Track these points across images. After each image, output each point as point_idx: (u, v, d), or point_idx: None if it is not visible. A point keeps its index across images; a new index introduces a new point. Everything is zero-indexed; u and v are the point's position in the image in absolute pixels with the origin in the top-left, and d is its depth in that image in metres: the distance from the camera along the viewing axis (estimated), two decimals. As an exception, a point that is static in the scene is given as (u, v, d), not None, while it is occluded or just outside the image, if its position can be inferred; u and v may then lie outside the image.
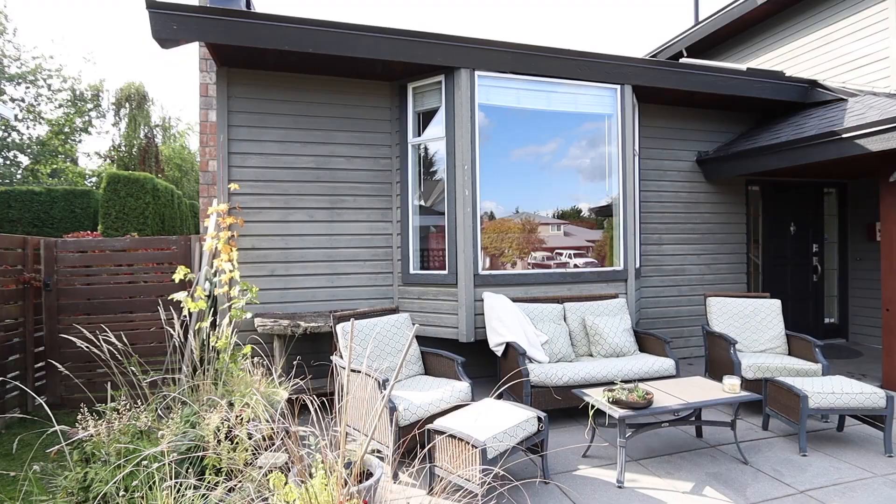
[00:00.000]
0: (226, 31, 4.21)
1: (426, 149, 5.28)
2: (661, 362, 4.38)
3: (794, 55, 7.61)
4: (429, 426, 3.08)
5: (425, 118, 5.30)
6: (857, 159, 5.22)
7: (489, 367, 5.36)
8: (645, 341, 4.81)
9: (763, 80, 6.24)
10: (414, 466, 3.26)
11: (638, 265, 5.86)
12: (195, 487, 2.07)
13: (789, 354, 4.79)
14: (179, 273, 4.05)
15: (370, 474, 2.57)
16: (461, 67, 4.84)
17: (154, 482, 2.05)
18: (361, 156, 5.25)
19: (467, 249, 4.83)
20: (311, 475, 2.12)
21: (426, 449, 3.08)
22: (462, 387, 3.70)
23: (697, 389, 3.59)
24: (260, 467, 2.44)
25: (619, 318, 4.82)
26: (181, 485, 2.02)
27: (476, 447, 2.76)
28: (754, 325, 4.95)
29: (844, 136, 5.03)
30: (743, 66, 6.74)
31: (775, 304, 5.02)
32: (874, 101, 5.43)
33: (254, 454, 2.70)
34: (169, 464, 2.04)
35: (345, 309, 4.66)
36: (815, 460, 3.55)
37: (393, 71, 5.05)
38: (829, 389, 3.68)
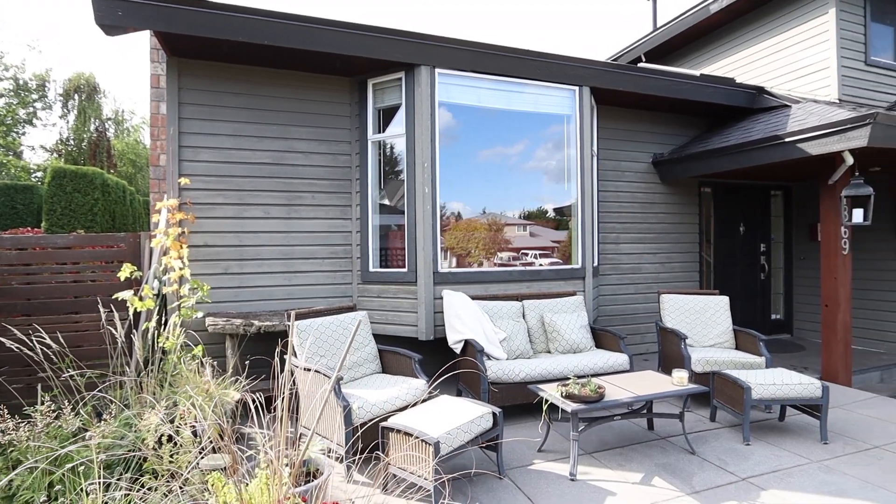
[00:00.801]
0: (174, 19, 4.05)
1: (390, 147, 5.23)
2: (615, 357, 4.48)
3: (745, 62, 7.94)
4: (382, 424, 3.05)
5: (387, 115, 5.26)
6: (799, 162, 5.49)
7: (445, 364, 5.36)
8: (601, 338, 4.91)
9: (715, 86, 6.49)
10: (371, 465, 3.22)
11: (596, 263, 5.99)
12: (128, 491, 1.97)
13: (736, 349, 4.98)
14: (125, 271, 3.88)
15: (321, 474, 2.51)
16: (421, 64, 4.83)
17: (81, 488, 1.94)
18: (320, 152, 5.15)
19: (427, 247, 4.82)
20: (252, 476, 2.05)
21: (380, 447, 3.05)
22: (419, 384, 3.68)
23: (648, 383, 3.69)
24: (202, 469, 2.35)
25: (576, 315, 4.91)
26: (111, 489, 1.91)
27: (429, 443, 2.75)
28: (704, 320, 5.13)
29: (787, 140, 5.28)
30: (697, 72, 6.99)
31: (724, 301, 5.21)
32: (815, 107, 5.72)
33: (197, 456, 2.60)
34: (99, 468, 1.93)
35: (302, 308, 4.56)
36: (757, 449, 3.70)
37: (353, 66, 4.99)
38: (771, 381, 3.85)
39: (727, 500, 2.97)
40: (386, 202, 5.31)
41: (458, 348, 4.46)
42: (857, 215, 5.10)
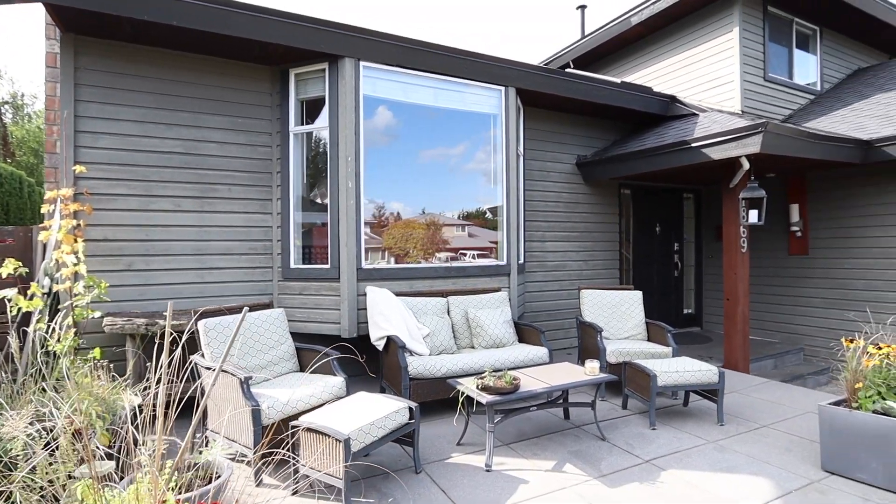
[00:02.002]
0: (65, -10, 3.71)
1: (316, 140, 5.08)
2: (536, 351, 4.60)
3: (663, 73, 8.46)
4: (293, 423, 2.93)
5: (312, 107, 5.11)
6: (705, 166, 5.90)
7: (374, 363, 5.28)
8: (524, 332, 5.03)
9: (632, 93, 6.85)
10: (284, 467, 3.09)
11: (522, 261, 6.13)
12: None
13: (648, 340, 5.28)
14: (7, 267, 3.50)
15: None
16: (346, 56, 4.73)
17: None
18: (238, 142, 4.91)
19: (350, 243, 4.72)
20: (134, 482, 1.90)
21: (292, 447, 2.93)
22: (336, 382, 3.59)
23: (562, 374, 3.81)
24: (79, 478, 2.14)
25: (500, 311, 4.99)
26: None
27: (339, 440, 2.67)
28: (620, 314, 5.39)
29: (693, 145, 5.67)
30: (618, 80, 7.36)
31: (637, 296, 5.51)
32: (719, 117, 6.19)
33: (79, 465, 2.37)
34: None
35: (213, 306, 4.32)
36: (662, 433, 3.93)
37: (274, 55, 4.79)
38: (674, 369, 4.10)
39: (630, 481, 3.12)
40: (314, 198, 5.16)
41: (380, 345, 4.40)
42: (753, 216, 5.56)
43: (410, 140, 5.38)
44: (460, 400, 3.42)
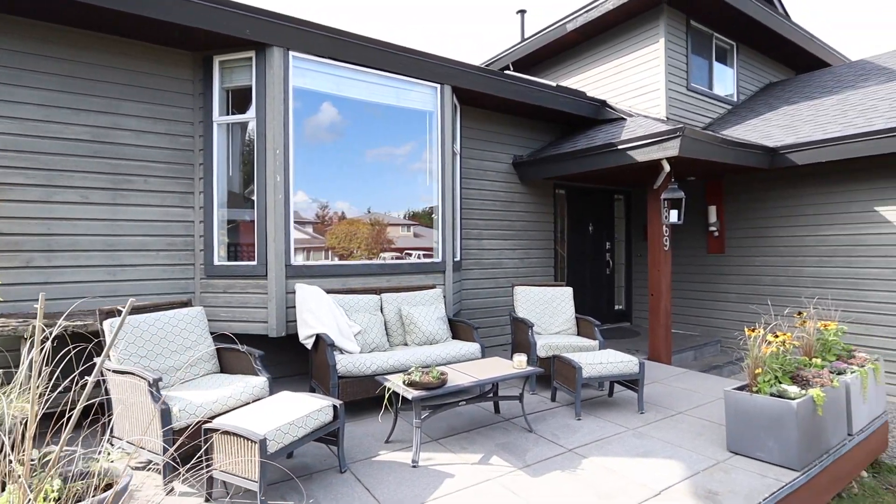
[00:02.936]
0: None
1: (243, 131, 4.86)
2: (468, 347, 4.63)
3: (597, 79, 8.80)
4: (206, 425, 2.78)
5: (240, 97, 4.88)
6: (631, 168, 6.19)
7: (304, 363, 5.14)
8: (458, 329, 5.06)
9: (565, 96, 7.08)
10: (203, 472, 2.91)
11: (458, 258, 6.17)
12: None
13: (578, 335, 5.46)
14: None
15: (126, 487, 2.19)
16: (274, 45, 4.56)
17: None
18: (156, 131, 4.61)
19: (279, 238, 4.55)
20: None
21: (208, 451, 2.77)
22: (258, 382, 3.44)
23: (491, 368, 3.85)
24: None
25: (433, 308, 4.99)
26: None
27: (254, 441, 2.56)
28: (552, 310, 5.54)
29: (619, 147, 5.93)
30: (554, 83, 7.58)
31: (568, 292, 5.68)
32: (644, 121, 6.51)
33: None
34: None
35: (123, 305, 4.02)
36: (587, 423, 4.06)
37: (195, 40, 4.54)
38: (599, 360, 4.26)
39: (553, 470, 3.20)
40: (245, 193, 4.93)
41: (309, 343, 4.27)
42: (674, 215, 5.89)
43: (356, 138, 5.29)
44: (386, 396, 3.38)
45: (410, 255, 5.69)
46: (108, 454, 2.37)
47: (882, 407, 4.27)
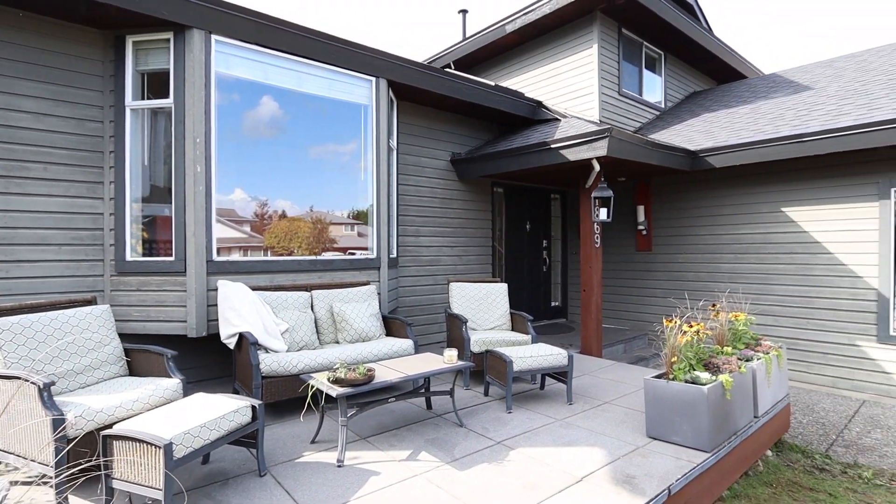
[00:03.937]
0: None
1: (170, 121, 4.54)
2: (401, 343, 4.57)
3: (536, 80, 8.99)
4: (105, 432, 2.55)
5: (158, 82, 4.55)
6: (564, 167, 6.36)
7: (229, 364, 4.88)
8: (392, 326, 4.98)
9: (504, 96, 7.17)
10: (100, 485, 2.67)
11: (395, 255, 6.09)
12: None
13: (512, 330, 5.53)
14: None
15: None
16: (194, 27, 4.29)
17: None
18: (59, 115, 4.21)
19: (199, 232, 4.29)
20: None
21: (107, 460, 2.54)
22: (170, 384, 3.21)
23: (422, 363, 3.82)
24: None
25: (367, 305, 4.89)
26: None
27: (158, 446, 2.37)
28: (487, 306, 5.58)
29: (552, 146, 6.08)
30: (493, 83, 7.66)
31: (503, 288, 5.75)
32: (577, 122, 6.71)
33: None
34: None
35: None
36: (517, 416, 4.11)
37: (106, 17, 4.19)
38: (529, 354, 4.33)
39: (481, 462, 3.20)
40: (160, 184, 4.60)
41: (231, 343, 4.05)
42: (603, 213, 6.11)
43: (297, 134, 5.10)
44: (309, 394, 3.26)
45: (354, 253, 5.56)
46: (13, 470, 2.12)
47: (785, 390, 4.62)
